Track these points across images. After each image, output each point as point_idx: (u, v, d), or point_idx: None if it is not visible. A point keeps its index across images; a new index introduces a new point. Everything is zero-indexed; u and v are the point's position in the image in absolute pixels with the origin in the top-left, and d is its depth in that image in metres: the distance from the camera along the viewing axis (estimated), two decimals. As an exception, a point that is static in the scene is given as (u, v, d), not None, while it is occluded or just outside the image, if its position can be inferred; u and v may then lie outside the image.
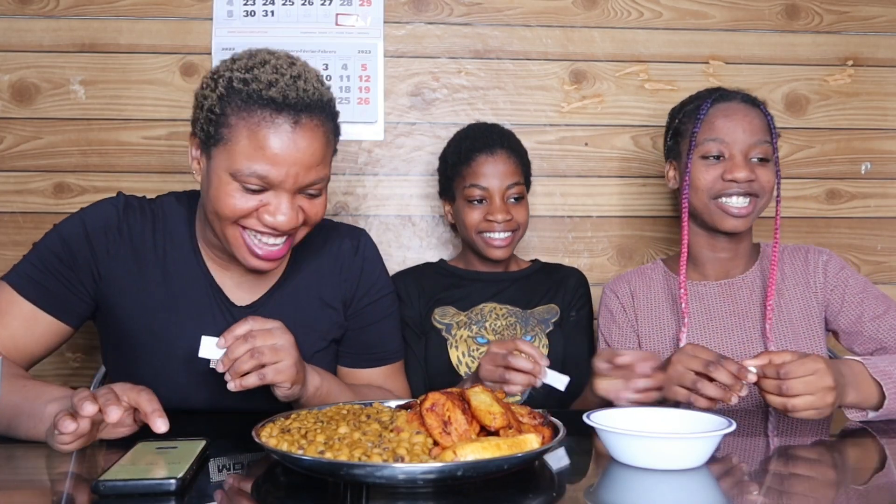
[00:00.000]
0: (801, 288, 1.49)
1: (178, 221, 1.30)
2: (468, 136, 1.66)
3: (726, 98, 1.47)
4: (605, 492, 0.90)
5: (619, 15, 1.90)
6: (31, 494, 0.90)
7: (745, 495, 0.88)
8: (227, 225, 1.19)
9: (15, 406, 1.08)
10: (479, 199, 1.60)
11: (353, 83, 1.85)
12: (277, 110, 1.14)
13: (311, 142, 1.17)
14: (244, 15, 1.84)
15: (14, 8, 1.81)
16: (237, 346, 1.07)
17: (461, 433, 0.88)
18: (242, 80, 1.16)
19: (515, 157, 1.63)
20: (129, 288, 1.26)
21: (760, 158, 1.44)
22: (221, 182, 1.16)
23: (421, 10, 1.88)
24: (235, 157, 1.14)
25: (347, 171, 1.88)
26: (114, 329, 1.28)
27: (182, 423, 1.19)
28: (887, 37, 1.94)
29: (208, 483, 0.89)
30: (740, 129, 1.43)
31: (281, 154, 1.14)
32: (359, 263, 1.38)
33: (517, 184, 1.62)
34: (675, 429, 1.01)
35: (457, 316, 1.64)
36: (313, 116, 1.17)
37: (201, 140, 1.20)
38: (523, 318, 1.63)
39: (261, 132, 1.14)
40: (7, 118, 1.82)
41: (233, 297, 1.30)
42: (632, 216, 1.92)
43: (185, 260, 1.28)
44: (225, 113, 1.15)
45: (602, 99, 1.90)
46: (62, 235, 1.24)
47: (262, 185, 1.15)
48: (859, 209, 1.95)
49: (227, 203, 1.16)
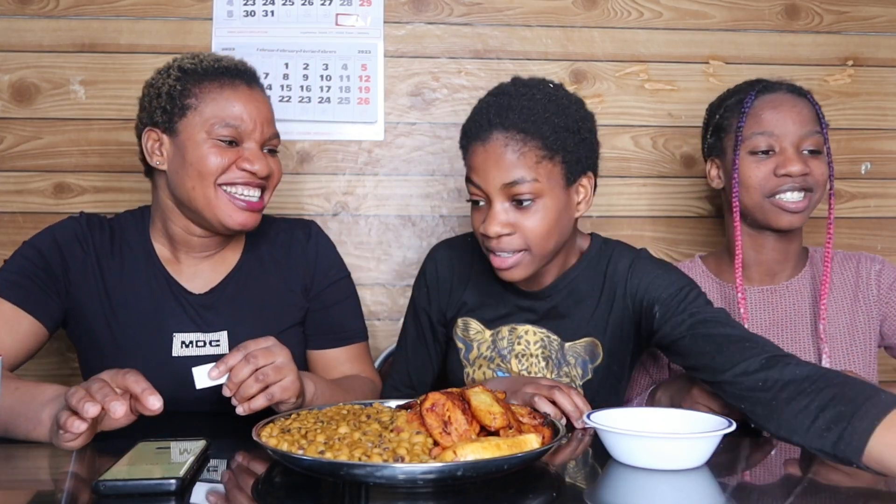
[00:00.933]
0: (849, 300, 1.39)
1: (133, 230, 1.40)
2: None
3: (771, 89, 1.39)
4: (605, 492, 0.90)
5: (619, 15, 1.90)
6: (31, 494, 0.90)
7: (746, 495, 0.88)
8: (209, 188, 1.28)
9: (10, 409, 1.09)
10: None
11: (353, 83, 1.85)
12: (232, 76, 1.31)
13: (264, 99, 1.35)
14: (244, 15, 1.84)
15: (14, 8, 1.81)
16: (240, 369, 1.06)
17: (461, 433, 0.88)
18: (191, 62, 1.32)
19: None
20: (93, 294, 1.33)
21: (812, 150, 1.36)
22: (197, 144, 1.28)
23: (421, 10, 1.88)
24: (206, 116, 1.28)
25: (347, 171, 1.88)
26: (84, 337, 1.35)
27: (182, 423, 1.19)
28: (887, 37, 1.93)
29: (208, 483, 0.89)
30: (790, 120, 1.35)
31: (246, 107, 1.30)
32: (313, 249, 1.45)
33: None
34: (675, 429, 1.01)
35: (479, 335, 1.37)
36: (258, 84, 1.36)
37: (162, 122, 1.30)
38: (558, 358, 1.31)
39: (225, 91, 1.29)
40: (7, 118, 1.82)
41: (189, 287, 1.36)
42: (632, 216, 1.92)
43: (140, 262, 1.37)
44: (186, 87, 1.29)
45: (602, 99, 1.90)
46: (36, 246, 1.33)
47: (234, 137, 1.29)
48: (859, 209, 1.95)
49: (207, 160, 1.27)
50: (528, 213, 1.19)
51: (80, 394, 0.95)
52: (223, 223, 1.30)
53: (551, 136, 1.18)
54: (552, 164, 1.19)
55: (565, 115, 1.20)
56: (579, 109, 1.24)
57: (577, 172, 1.23)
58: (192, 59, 1.33)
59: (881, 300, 1.38)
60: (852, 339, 1.37)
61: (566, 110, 1.21)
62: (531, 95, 1.20)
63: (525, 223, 1.19)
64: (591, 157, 1.27)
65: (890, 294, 1.37)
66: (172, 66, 1.33)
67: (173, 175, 1.30)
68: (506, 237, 1.20)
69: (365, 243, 1.88)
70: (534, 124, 1.17)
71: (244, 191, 1.30)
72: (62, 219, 1.38)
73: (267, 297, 1.40)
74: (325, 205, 1.87)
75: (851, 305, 1.38)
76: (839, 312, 1.38)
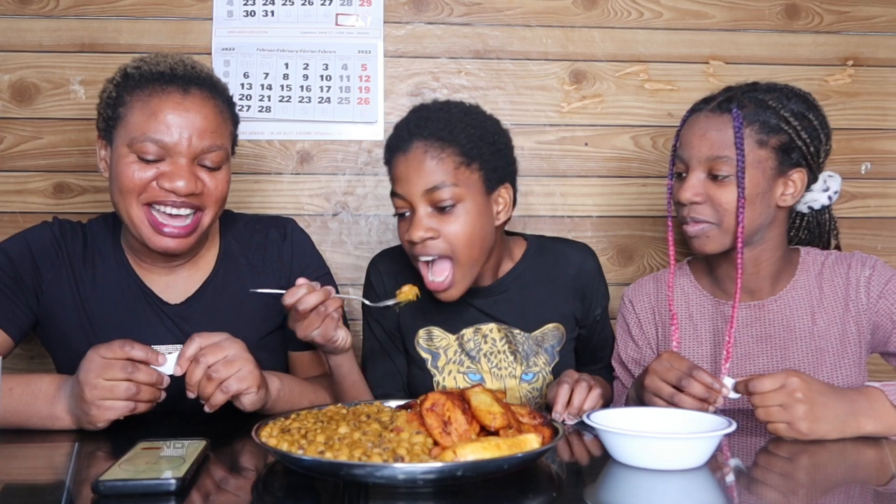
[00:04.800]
0: (840, 308, 1.33)
1: (105, 238, 1.36)
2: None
3: (700, 106, 1.33)
4: (605, 492, 0.90)
5: (619, 15, 1.90)
6: (31, 494, 0.90)
7: (746, 495, 0.88)
8: (132, 204, 1.22)
9: (14, 410, 1.09)
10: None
11: (353, 83, 1.85)
12: (166, 82, 1.22)
13: (201, 108, 1.23)
14: (244, 15, 1.84)
15: (14, 8, 1.81)
16: (192, 371, 1.08)
17: (461, 433, 0.88)
18: (135, 66, 1.26)
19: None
20: (68, 304, 1.31)
21: (716, 176, 1.28)
22: (120, 157, 1.22)
23: (421, 10, 1.88)
24: (130, 129, 1.21)
25: (347, 171, 1.88)
26: (59, 346, 1.33)
27: (182, 423, 1.19)
28: (887, 37, 1.93)
29: (208, 483, 0.89)
30: (696, 143, 1.29)
31: (172, 119, 1.20)
32: (288, 249, 1.41)
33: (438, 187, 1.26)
34: (675, 429, 1.01)
35: (444, 341, 1.41)
36: (203, 89, 1.25)
37: (102, 130, 1.26)
38: (525, 348, 1.40)
39: (152, 101, 1.21)
40: (7, 118, 1.81)
41: (164, 297, 1.33)
42: (632, 216, 1.92)
43: (113, 271, 1.33)
44: (120, 95, 1.23)
45: (602, 99, 1.90)
46: (7, 253, 1.30)
47: (157, 154, 1.21)
48: (859, 209, 1.95)
49: (126, 175, 1.21)
50: (450, 218, 1.25)
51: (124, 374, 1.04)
52: (148, 245, 1.25)
53: (468, 144, 1.26)
54: (469, 170, 1.26)
55: (481, 127, 1.30)
56: (495, 124, 1.34)
57: (495, 181, 1.31)
58: (137, 63, 1.27)
59: (870, 308, 1.32)
60: (843, 349, 1.33)
61: (482, 123, 1.31)
62: (448, 109, 1.31)
63: (447, 228, 1.25)
64: (508, 169, 1.35)
65: (879, 302, 1.31)
66: (119, 71, 1.28)
67: (110, 189, 1.26)
68: (430, 241, 1.25)
69: (365, 243, 1.88)
70: (450, 133, 1.26)
71: (171, 210, 1.23)
72: (35, 224, 1.36)
73: (244, 305, 1.36)
74: (325, 205, 1.87)
75: (843, 314, 1.33)
76: (831, 323, 1.33)
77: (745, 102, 1.29)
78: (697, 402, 1.13)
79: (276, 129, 1.84)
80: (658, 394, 1.17)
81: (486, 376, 1.38)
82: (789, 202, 1.33)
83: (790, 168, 1.31)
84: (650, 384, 1.18)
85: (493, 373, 1.39)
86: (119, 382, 1.04)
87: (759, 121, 1.28)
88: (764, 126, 1.28)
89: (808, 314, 1.34)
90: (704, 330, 1.41)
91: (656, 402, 1.18)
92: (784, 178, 1.31)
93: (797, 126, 1.29)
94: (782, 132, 1.29)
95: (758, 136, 1.28)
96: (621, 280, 1.87)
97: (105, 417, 1.05)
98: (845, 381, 1.32)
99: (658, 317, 1.46)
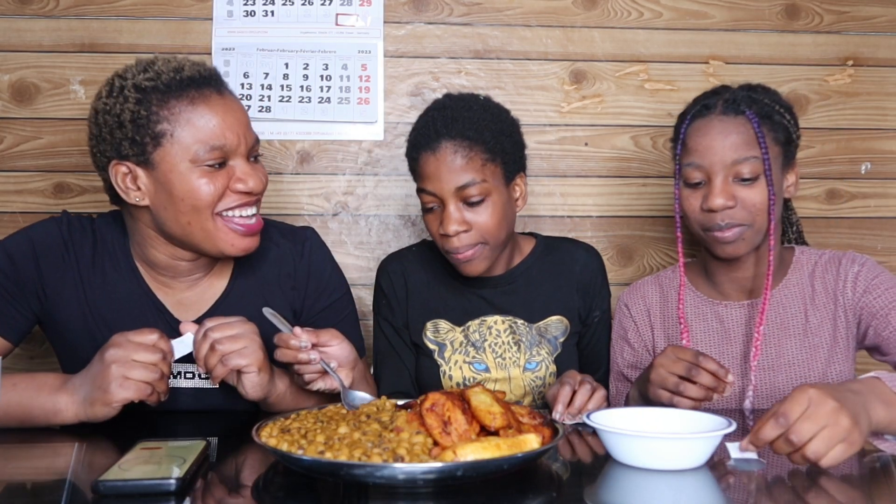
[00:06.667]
0: (831, 306, 1.35)
1: (115, 242, 1.30)
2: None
3: (703, 113, 1.32)
4: (605, 492, 0.90)
5: (619, 15, 1.90)
6: (31, 494, 0.90)
7: (745, 495, 0.88)
8: (208, 220, 1.19)
9: (17, 404, 1.10)
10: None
11: (353, 83, 1.85)
12: (199, 86, 1.18)
13: (237, 103, 1.23)
14: (244, 15, 1.84)
15: (14, 8, 1.81)
16: (199, 345, 1.12)
17: (461, 433, 0.88)
18: (147, 79, 1.17)
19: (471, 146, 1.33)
20: (75, 306, 1.26)
21: (745, 179, 1.28)
22: (184, 176, 1.16)
23: (421, 10, 1.88)
24: (186, 143, 1.15)
25: (347, 171, 1.88)
26: (64, 345, 1.30)
27: (182, 423, 1.19)
28: (887, 37, 1.93)
29: (208, 483, 0.89)
30: (718, 148, 1.28)
31: (224, 119, 1.18)
32: (304, 268, 1.35)
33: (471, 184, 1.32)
34: (675, 429, 1.01)
35: (451, 333, 1.46)
36: (227, 87, 1.24)
37: (133, 155, 1.17)
38: (528, 339, 1.44)
39: (198, 109, 1.16)
40: (7, 118, 1.82)
41: (178, 315, 1.29)
42: (632, 216, 1.92)
43: (125, 280, 1.28)
44: (152, 111, 1.15)
45: (602, 99, 1.90)
46: (9, 252, 1.25)
47: (221, 158, 1.18)
48: (859, 209, 1.95)
49: (200, 192, 1.17)
50: (480, 211, 1.33)
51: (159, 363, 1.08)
52: (224, 252, 1.22)
53: (492, 141, 1.33)
54: (494, 165, 1.34)
55: (500, 122, 1.37)
56: (508, 116, 1.41)
57: (513, 172, 1.39)
58: (146, 75, 1.17)
59: (856, 304, 1.33)
60: (834, 345, 1.34)
61: (500, 117, 1.37)
62: (469, 107, 1.35)
63: (478, 220, 1.33)
64: (523, 159, 1.43)
65: (864, 298, 1.32)
66: (127, 86, 1.17)
67: (161, 211, 1.18)
68: (463, 234, 1.33)
69: (365, 243, 1.88)
70: (477, 132, 1.32)
71: (241, 212, 1.21)
72: (43, 219, 1.30)
73: (257, 323, 1.30)
74: (325, 205, 1.87)
75: (833, 310, 1.35)
76: (823, 319, 1.35)
77: (749, 103, 1.32)
78: (704, 391, 1.13)
79: (275, 129, 1.84)
80: (664, 385, 1.17)
81: (491, 366, 1.43)
82: (793, 193, 1.38)
83: (791, 160, 1.36)
84: (656, 377, 1.18)
85: (498, 363, 1.43)
86: (147, 364, 1.07)
87: (768, 119, 1.32)
88: (773, 124, 1.32)
89: (801, 311, 1.37)
90: (698, 331, 1.42)
91: (661, 394, 1.17)
92: (788, 171, 1.36)
93: (790, 120, 1.35)
94: (783, 128, 1.33)
95: (771, 134, 1.31)
96: (621, 280, 1.87)
97: (121, 396, 1.06)
98: (837, 377, 1.33)
99: (654, 319, 1.46)
